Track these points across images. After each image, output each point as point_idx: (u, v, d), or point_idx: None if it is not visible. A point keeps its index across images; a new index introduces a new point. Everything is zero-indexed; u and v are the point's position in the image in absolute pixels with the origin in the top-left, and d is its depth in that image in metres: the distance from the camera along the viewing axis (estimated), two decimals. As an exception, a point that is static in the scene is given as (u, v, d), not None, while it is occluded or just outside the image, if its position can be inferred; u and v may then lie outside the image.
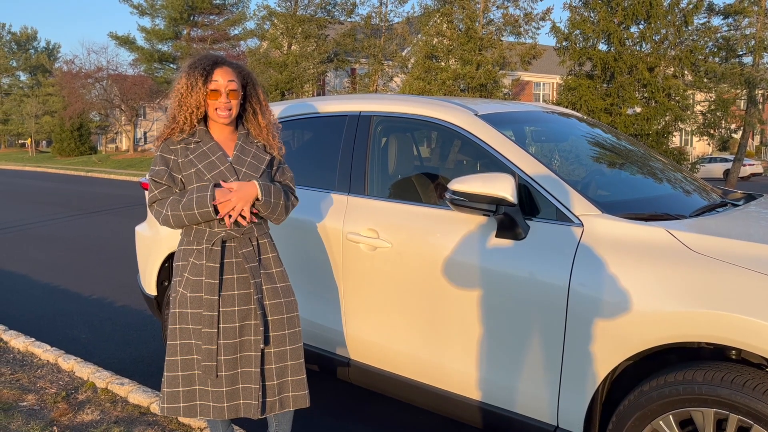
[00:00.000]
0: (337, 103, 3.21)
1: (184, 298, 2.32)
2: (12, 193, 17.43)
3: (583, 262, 2.25)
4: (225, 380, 2.32)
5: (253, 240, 2.37)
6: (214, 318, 2.29)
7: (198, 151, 2.33)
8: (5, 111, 57.12)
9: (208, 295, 2.29)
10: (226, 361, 2.31)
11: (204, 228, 2.32)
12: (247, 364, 2.34)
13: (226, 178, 2.31)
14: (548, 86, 39.94)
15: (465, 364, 2.56)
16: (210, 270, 2.29)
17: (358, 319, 2.90)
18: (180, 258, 2.38)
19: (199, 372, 2.33)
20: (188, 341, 2.34)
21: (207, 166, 2.31)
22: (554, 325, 2.30)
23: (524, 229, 2.42)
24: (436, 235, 2.63)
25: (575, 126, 3.31)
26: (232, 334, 2.31)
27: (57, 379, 3.60)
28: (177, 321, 2.34)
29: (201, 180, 2.30)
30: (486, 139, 2.66)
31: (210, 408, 2.35)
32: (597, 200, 2.41)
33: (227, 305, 2.30)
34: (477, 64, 22.79)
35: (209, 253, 2.30)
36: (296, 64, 28.28)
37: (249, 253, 2.34)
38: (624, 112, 19.91)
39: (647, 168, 3.07)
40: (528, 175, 2.51)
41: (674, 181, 3.01)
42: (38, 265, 7.24)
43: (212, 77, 2.30)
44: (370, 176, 2.97)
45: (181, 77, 2.34)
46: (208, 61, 2.34)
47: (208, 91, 2.29)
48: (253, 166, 2.37)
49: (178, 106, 2.32)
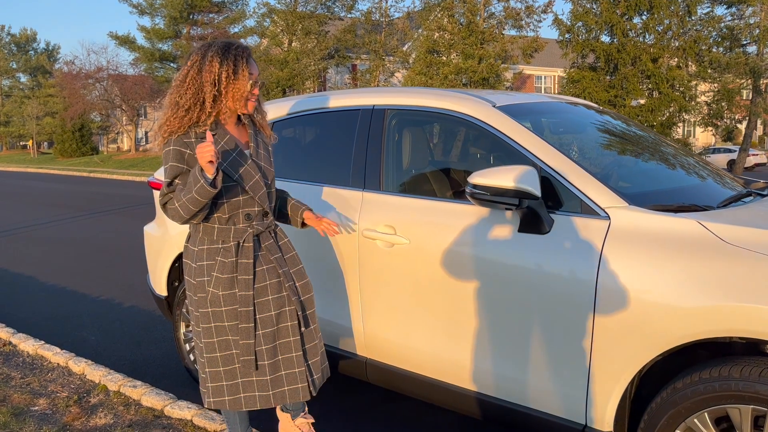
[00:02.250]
0: (349, 97, 3.14)
1: (216, 297, 2.29)
2: (15, 195, 17.40)
3: (611, 256, 2.18)
4: (268, 369, 2.34)
5: (271, 231, 2.42)
6: (250, 313, 2.29)
7: (217, 146, 2.24)
8: (6, 113, 57.12)
9: (243, 290, 2.28)
10: (266, 350, 2.33)
11: (228, 227, 2.29)
12: (287, 350, 2.37)
13: (252, 176, 2.30)
14: (550, 79, 39.81)
15: (487, 361, 2.49)
16: (244, 266, 2.28)
17: (375, 318, 2.84)
18: (204, 258, 2.31)
19: (239, 365, 2.34)
20: (225, 338, 2.35)
21: (231, 164, 2.27)
22: (582, 322, 2.23)
23: (548, 223, 2.35)
24: (455, 230, 2.57)
25: (587, 115, 3.23)
26: (270, 323, 2.33)
27: (68, 383, 3.55)
28: (211, 320, 2.32)
29: (229, 180, 2.26)
30: (506, 130, 2.58)
31: (256, 398, 2.38)
32: (623, 192, 2.34)
33: (261, 296, 2.32)
34: (479, 58, 22.69)
35: (242, 250, 2.28)
36: (297, 60, 28.20)
37: (272, 245, 2.38)
38: (628, 104, 19.81)
39: (666, 157, 3.00)
40: (550, 167, 2.43)
41: (695, 170, 2.93)
42: (44, 267, 7.19)
43: (252, 67, 2.27)
44: (386, 171, 2.90)
45: (212, 62, 2.19)
46: (244, 47, 2.27)
47: (253, 81, 2.24)
48: (267, 159, 2.42)
49: (213, 95, 2.18)
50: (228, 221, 2.29)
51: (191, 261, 2.35)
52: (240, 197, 2.29)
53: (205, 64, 2.20)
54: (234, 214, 2.29)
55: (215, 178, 2.10)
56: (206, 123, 2.22)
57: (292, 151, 3.34)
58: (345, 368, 3.03)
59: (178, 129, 2.20)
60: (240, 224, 2.30)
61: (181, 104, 2.20)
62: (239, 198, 2.29)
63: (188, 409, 3.05)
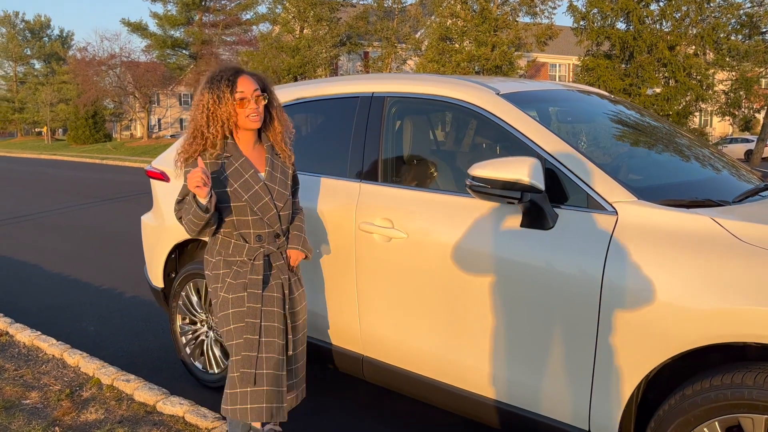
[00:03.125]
0: (347, 84, 3.02)
1: (225, 301, 2.38)
2: (26, 181, 17.47)
3: (617, 253, 2.06)
4: (266, 381, 2.37)
5: (283, 253, 2.47)
6: (256, 326, 2.35)
7: (230, 168, 2.35)
8: (21, 99, 57.51)
9: (252, 303, 2.36)
10: (266, 359, 2.37)
11: (242, 244, 2.38)
12: (277, 368, 2.40)
13: (261, 197, 2.36)
14: (564, 67, 39.34)
15: (487, 362, 2.38)
16: (253, 282, 2.36)
17: (372, 314, 2.73)
18: (220, 267, 2.41)
19: (237, 375, 2.37)
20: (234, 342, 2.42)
21: (242, 185, 2.35)
22: (586, 322, 2.11)
23: (552, 218, 2.23)
24: (455, 224, 2.45)
25: (600, 104, 3.09)
26: (273, 333, 2.38)
27: (62, 375, 3.48)
28: (222, 324, 2.41)
29: (238, 200, 2.34)
30: (509, 120, 2.45)
31: (247, 411, 2.38)
32: (632, 185, 2.21)
33: (267, 305, 2.38)
34: (492, 46, 22.42)
35: (252, 267, 2.36)
36: (308, 48, 28.03)
37: (282, 266, 2.44)
38: (643, 93, 19.49)
39: (679, 148, 2.85)
40: (556, 158, 2.30)
41: (710, 162, 2.79)
42: (51, 255, 7.16)
43: (237, 86, 2.32)
44: (384, 162, 2.78)
45: (203, 93, 2.34)
46: (230, 71, 2.35)
47: (237, 101, 2.31)
48: (283, 182, 2.45)
49: (206, 122, 2.32)
50: (241, 238, 2.38)
51: (209, 270, 2.45)
52: (249, 217, 2.37)
53: (199, 97, 2.37)
54: (245, 233, 2.38)
55: (209, 202, 2.21)
56: (215, 148, 2.34)
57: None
58: (341, 365, 2.94)
59: (192, 155, 2.34)
60: (252, 243, 2.39)
61: (189, 134, 2.39)
62: (248, 218, 2.37)
63: (180, 406, 2.97)
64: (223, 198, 2.34)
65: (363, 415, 3.17)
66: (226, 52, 36.63)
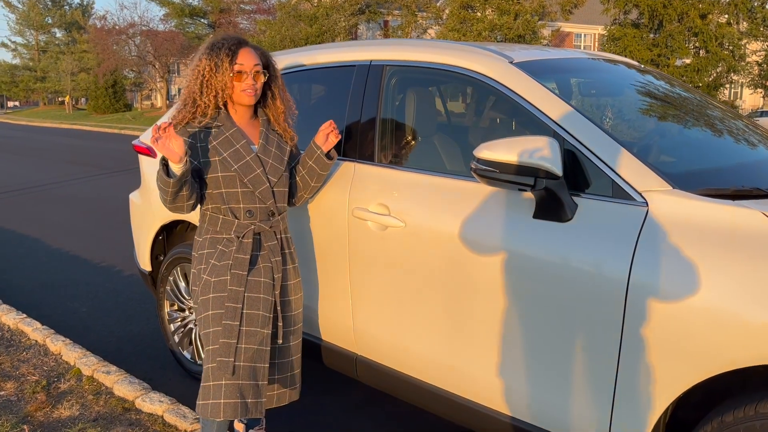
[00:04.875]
0: (343, 51, 2.70)
1: (207, 284, 2.20)
2: (43, 151, 17.40)
3: (647, 252, 1.74)
4: (242, 373, 2.17)
5: (278, 234, 2.30)
6: (237, 311, 2.17)
7: (221, 137, 2.20)
8: (42, 69, 57.60)
9: (234, 285, 2.18)
10: (245, 350, 2.18)
11: (232, 219, 2.21)
12: (261, 359, 2.23)
13: (253, 169, 2.21)
14: (590, 37, 38.22)
15: (490, 370, 2.09)
16: (240, 261, 2.19)
17: (365, 310, 2.45)
18: (206, 246, 2.24)
19: (212, 366, 2.16)
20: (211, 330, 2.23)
21: (232, 155, 2.19)
22: (608, 331, 1.81)
23: (570, 209, 1.91)
24: (458, 213, 2.14)
25: (628, 75, 2.72)
26: (256, 322, 2.20)
27: (42, 364, 3.27)
28: (201, 310, 2.22)
29: (227, 170, 2.18)
30: (523, 92, 2.12)
31: (220, 406, 2.15)
32: (666, 171, 1.87)
33: (253, 291, 2.21)
34: (515, 14, 21.71)
35: (239, 245, 2.19)
36: (327, 16, 27.45)
37: (274, 246, 2.27)
38: (672, 63, 18.76)
39: (717, 125, 2.50)
40: (576, 138, 1.97)
41: (753, 141, 2.43)
42: (53, 229, 6.99)
43: (237, 58, 2.19)
44: (381, 139, 2.47)
45: (201, 58, 2.21)
46: (233, 41, 2.22)
47: (234, 72, 2.18)
48: (278, 157, 2.29)
49: (199, 89, 2.20)
50: (230, 214, 2.21)
51: (195, 251, 2.29)
52: (238, 190, 2.20)
53: (196, 63, 2.24)
54: (234, 207, 2.21)
55: (181, 167, 2.03)
56: (205, 117, 2.21)
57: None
58: (334, 363, 2.67)
59: (180, 121, 2.21)
60: (243, 220, 2.22)
61: (182, 99, 2.27)
62: (237, 190, 2.20)
63: (160, 403, 2.74)
64: (210, 168, 2.18)
65: (358, 414, 2.92)
66: (244, 21, 36.15)
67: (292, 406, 2.96)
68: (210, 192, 2.21)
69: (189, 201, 2.16)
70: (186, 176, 2.06)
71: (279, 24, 28.22)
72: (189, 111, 2.21)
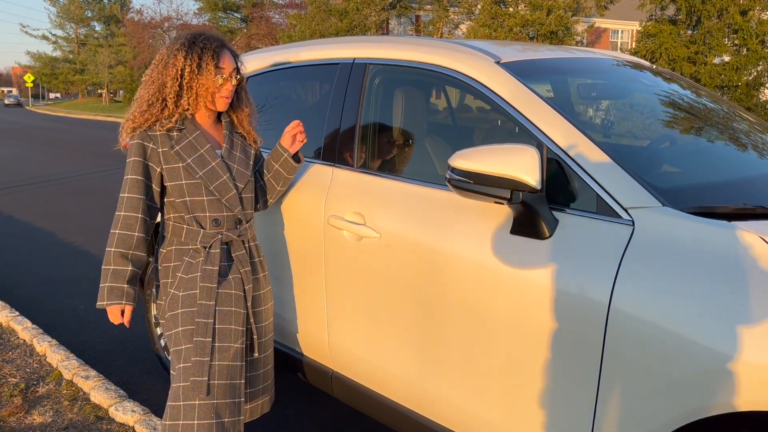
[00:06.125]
0: (327, 48, 2.55)
1: (175, 299, 2.07)
2: (73, 143, 17.68)
3: (631, 276, 1.56)
4: (216, 392, 2.04)
5: (245, 243, 2.17)
6: (208, 326, 2.03)
7: (183, 141, 2.05)
8: (82, 61, 58.79)
9: (204, 299, 2.04)
10: (219, 367, 2.04)
11: (197, 229, 2.07)
12: (235, 375, 2.09)
13: (219, 175, 2.07)
14: (627, 33, 37.34)
15: (462, 394, 1.93)
16: (208, 273, 2.05)
17: (340, 324, 2.31)
18: (171, 259, 2.11)
19: (185, 385, 2.02)
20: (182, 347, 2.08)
21: (197, 161, 2.05)
22: (585, 360, 1.63)
23: (550, 225, 1.73)
24: (434, 224, 1.98)
25: (636, 77, 2.52)
26: (229, 337, 2.07)
27: (25, 365, 3.21)
28: (171, 326, 2.08)
29: (192, 177, 2.04)
30: (505, 95, 1.94)
31: (194, 428, 2.02)
32: (657, 186, 1.69)
33: (224, 305, 2.07)
34: (548, 10, 21.26)
35: (207, 256, 2.06)
36: (357, 11, 27.30)
37: (243, 256, 2.15)
38: (710, 62, 18.14)
39: (737, 135, 2.28)
40: (560, 147, 1.80)
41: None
42: (68, 223, 7.01)
43: (222, 61, 2.05)
44: (361, 143, 2.32)
45: (176, 55, 2.03)
46: (216, 41, 2.07)
47: (218, 77, 2.03)
48: (243, 161, 2.16)
49: (176, 91, 2.02)
50: (195, 223, 2.08)
51: (158, 263, 2.16)
52: (204, 198, 2.07)
53: (170, 59, 2.05)
54: (199, 216, 2.08)
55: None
56: (171, 119, 2.05)
57: (264, 115, 2.79)
58: (310, 378, 2.54)
59: (141, 124, 2.05)
60: (209, 229, 2.09)
61: (145, 99, 2.07)
62: (203, 198, 2.07)
63: (132, 414, 2.64)
64: (173, 175, 2.04)
65: (339, 429, 2.78)
66: (277, 15, 36.27)
67: (265, 418, 2.84)
68: (172, 201, 2.09)
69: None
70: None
71: (309, 18, 28.20)
72: (154, 114, 2.04)
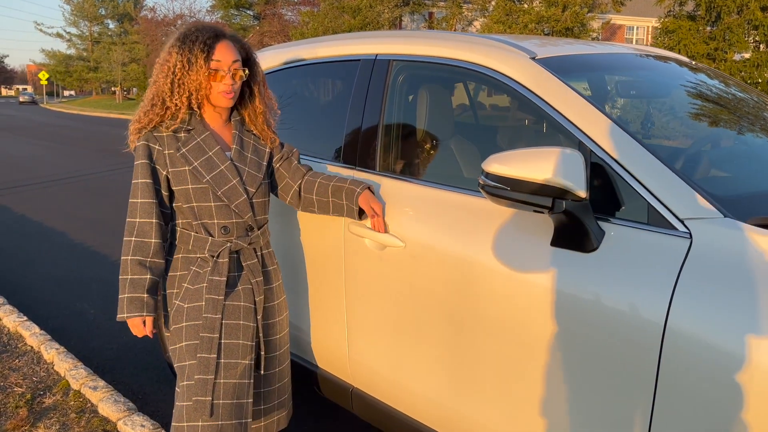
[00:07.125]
0: (347, 44, 2.40)
1: (180, 311, 1.96)
2: (86, 141, 17.67)
3: (689, 295, 1.40)
4: (222, 413, 1.93)
5: (258, 251, 2.05)
6: (213, 342, 1.92)
7: (191, 143, 1.94)
8: (95, 59, 59.05)
9: (209, 312, 1.92)
10: (224, 385, 1.93)
11: (205, 237, 1.95)
12: (242, 394, 1.98)
13: (228, 180, 1.94)
14: (643, 30, 36.88)
15: (499, 418, 1.78)
16: (215, 284, 1.93)
17: (361, 339, 2.16)
18: (178, 267, 2.00)
19: (188, 404, 1.91)
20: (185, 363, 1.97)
21: (204, 164, 1.93)
22: (637, 385, 1.48)
23: (596, 237, 1.58)
24: (465, 234, 1.83)
25: (677, 73, 2.35)
26: (235, 353, 1.95)
27: (33, 373, 3.10)
28: (176, 341, 1.98)
29: (198, 182, 1.92)
30: (544, 94, 1.79)
31: None
32: (716, 195, 1.53)
33: (231, 318, 1.95)
34: (563, 6, 21.00)
35: (214, 266, 1.94)
36: (370, 8, 27.16)
37: (254, 265, 2.02)
38: (730, 58, 17.81)
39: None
40: (606, 150, 1.64)
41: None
42: (79, 222, 6.93)
43: (214, 54, 1.90)
44: (384, 145, 2.17)
45: (171, 52, 1.93)
46: (208, 33, 1.93)
47: (211, 71, 1.89)
48: (256, 164, 2.03)
49: (169, 89, 1.91)
50: (203, 230, 1.96)
51: (167, 272, 2.04)
52: (212, 203, 1.95)
53: (165, 56, 1.95)
54: (208, 223, 1.96)
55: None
56: (175, 120, 1.94)
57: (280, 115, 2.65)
58: (329, 393, 2.40)
59: (146, 125, 1.95)
60: (217, 237, 1.96)
61: (148, 99, 1.98)
62: (210, 204, 1.95)
63: (141, 429, 2.51)
64: (180, 178, 1.93)
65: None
66: (289, 12, 36.18)
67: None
68: (180, 206, 1.96)
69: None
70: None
71: (322, 15, 28.09)
72: (157, 113, 1.93)
